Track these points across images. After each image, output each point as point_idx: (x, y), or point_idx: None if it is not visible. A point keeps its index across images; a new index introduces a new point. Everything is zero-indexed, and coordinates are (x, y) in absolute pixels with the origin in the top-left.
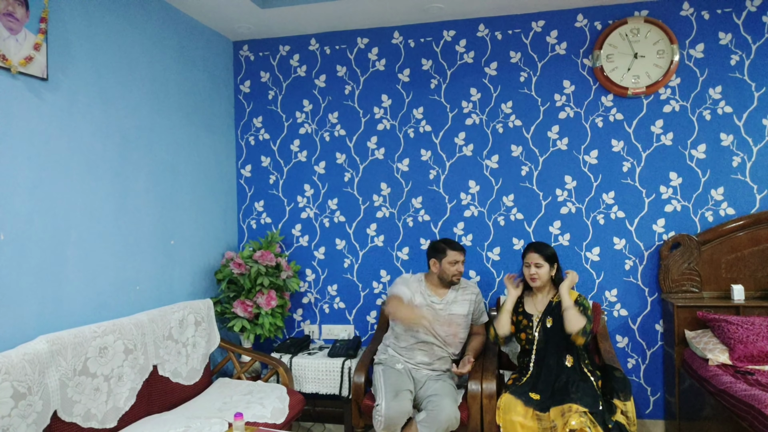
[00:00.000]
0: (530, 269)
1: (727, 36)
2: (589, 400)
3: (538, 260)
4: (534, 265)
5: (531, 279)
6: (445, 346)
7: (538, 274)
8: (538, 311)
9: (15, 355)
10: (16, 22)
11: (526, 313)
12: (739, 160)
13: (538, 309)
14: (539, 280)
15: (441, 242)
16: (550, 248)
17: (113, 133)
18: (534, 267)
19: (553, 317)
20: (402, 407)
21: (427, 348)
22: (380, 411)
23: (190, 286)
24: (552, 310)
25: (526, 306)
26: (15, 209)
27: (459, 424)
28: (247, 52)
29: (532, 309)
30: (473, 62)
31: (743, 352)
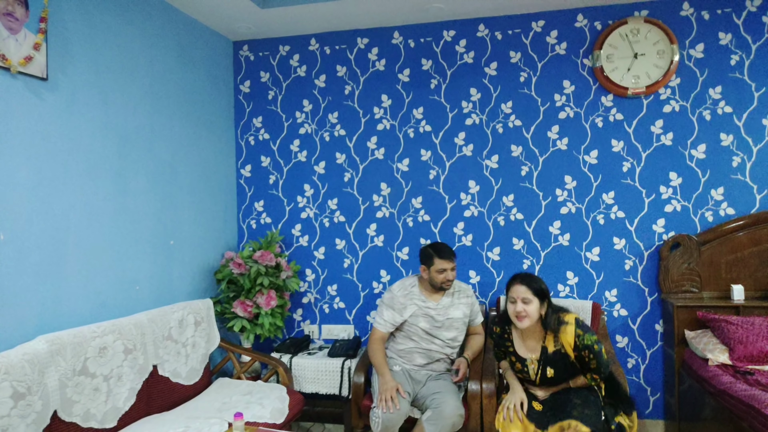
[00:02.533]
0: (516, 305)
1: (727, 36)
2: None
3: (526, 294)
4: (521, 300)
5: (518, 318)
6: (444, 348)
7: (526, 312)
8: (532, 356)
9: (14, 355)
10: (16, 21)
11: (519, 357)
12: (739, 160)
13: (531, 354)
14: (528, 318)
15: (429, 248)
16: (540, 281)
17: (113, 132)
18: (521, 303)
19: (555, 368)
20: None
21: (425, 352)
22: (377, 413)
23: (190, 286)
24: (550, 360)
25: (516, 345)
26: (15, 209)
27: (463, 420)
28: (247, 52)
29: (524, 351)
30: (473, 62)
31: (743, 353)
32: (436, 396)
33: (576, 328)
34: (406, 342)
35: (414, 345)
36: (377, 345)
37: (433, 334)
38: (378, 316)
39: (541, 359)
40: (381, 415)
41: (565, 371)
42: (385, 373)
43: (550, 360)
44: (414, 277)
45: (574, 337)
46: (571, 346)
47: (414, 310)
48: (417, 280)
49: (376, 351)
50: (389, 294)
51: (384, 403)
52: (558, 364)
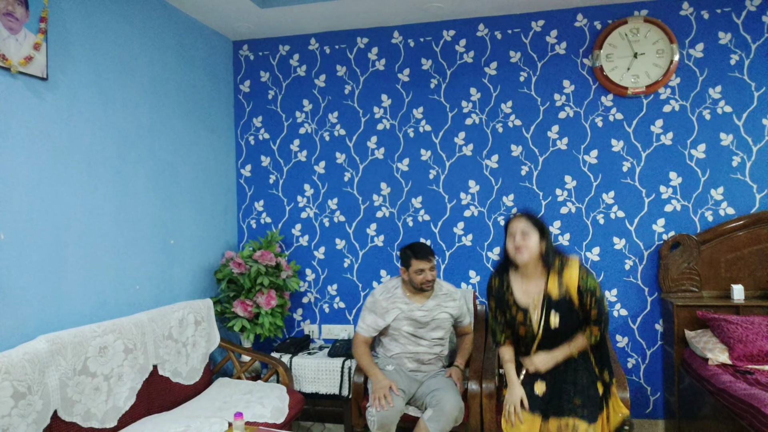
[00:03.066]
0: (515, 239)
1: (727, 35)
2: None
3: (525, 227)
4: (520, 232)
5: (517, 251)
6: (432, 348)
7: (525, 245)
8: (533, 302)
9: (15, 355)
10: (16, 21)
11: (519, 306)
12: (739, 160)
13: (533, 298)
14: (527, 251)
15: (407, 249)
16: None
17: (113, 132)
18: (520, 236)
19: (559, 315)
20: (391, 410)
21: (412, 355)
22: (372, 412)
23: (190, 285)
24: (554, 307)
25: (515, 291)
26: (15, 209)
27: (464, 416)
28: (247, 51)
29: (525, 297)
30: (473, 62)
31: (743, 352)
32: (435, 393)
33: (579, 268)
34: (394, 346)
35: (401, 349)
36: (361, 348)
37: (418, 336)
38: (360, 320)
39: (543, 304)
40: (375, 414)
41: (570, 320)
42: (375, 373)
43: (554, 307)
44: (397, 279)
45: (578, 279)
46: (575, 286)
47: (397, 314)
48: (400, 281)
49: (362, 354)
50: (371, 298)
51: (377, 402)
52: (563, 311)
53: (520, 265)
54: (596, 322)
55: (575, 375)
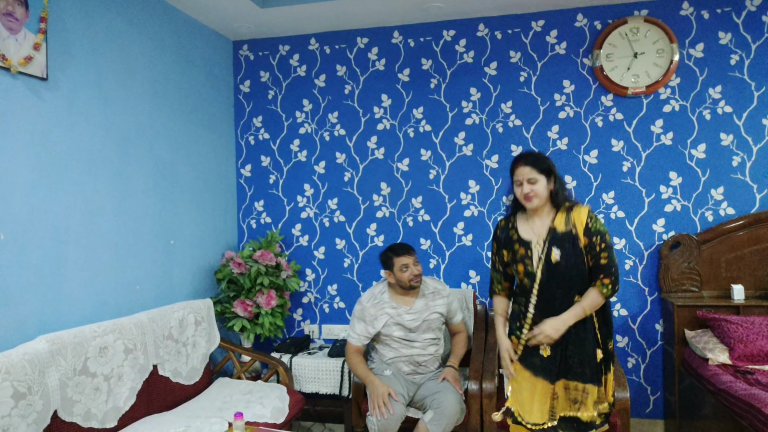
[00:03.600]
0: (523, 187)
1: (727, 35)
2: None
3: (531, 174)
4: (527, 181)
5: (526, 199)
6: (426, 348)
7: (534, 191)
8: (537, 237)
9: (15, 355)
10: (16, 21)
11: (522, 240)
12: (739, 160)
13: (538, 234)
14: (536, 198)
15: (387, 251)
16: (545, 158)
17: (113, 132)
18: (527, 184)
19: (561, 249)
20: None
21: (407, 359)
22: (372, 420)
23: (190, 285)
24: (557, 240)
25: (520, 230)
26: (15, 209)
27: (464, 415)
28: (247, 51)
29: (529, 233)
30: (473, 62)
31: (743, 352)
32: (436, 396)
33: (589, 212)
34: (387, 351)
35: (395, 354)
36: (355, 358)
37: (410, 339)
38: (350, 329)
39: (547, 238)
40: (376, 422)
41: (574, 257)
42: (372, 380)
43: (558, 240)
44: (383, 284)
45: (587, 218)
46: (583, 225)
47: (386, 320)
48: (386, 285)
49: (356, 364)
50: (359, 306)
51: (377, 411)
52: (565, 245)
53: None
54: (607, 271)
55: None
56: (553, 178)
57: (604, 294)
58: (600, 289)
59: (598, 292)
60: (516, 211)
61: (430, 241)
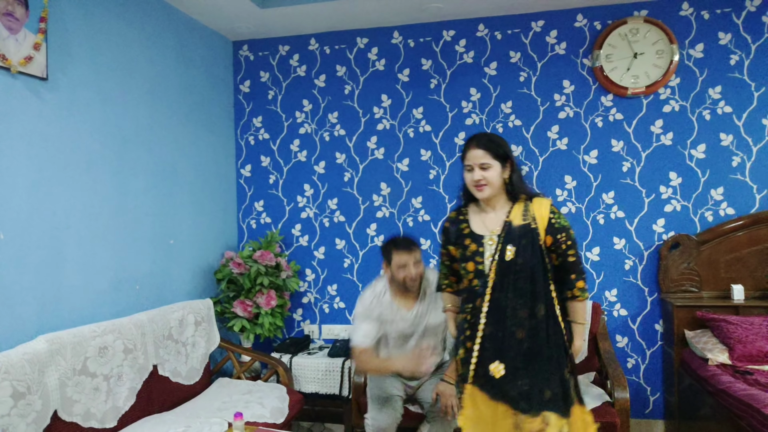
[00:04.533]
0: (474, 173)
1: (727, 36)
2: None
3: (484, 159)
4: (478, 167)
5: (477, 187)
6: None
7: (485, 179)
8: (491, 232)
9: (15, 355)
10: (16, 21)
11: (475, 235)
12: (739, 160)
13: (491, 228)
14: (488, 187)
15: (388, 243)
16: (501, 141)
17: (113, 132)
18: (479, 170)
19: (516, 246)
20: (388, 417)
21: None
22: (368, 423)
23: (190, 285)
24: (513, 236)
25: (472, 224)
26: (15, 209)
27: None
28: (247, 51)
29: (482, 228)
30: (473, 62)
31: (742, 352)
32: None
33: (551, 206)
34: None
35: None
36: (366, 356)
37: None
38: (355, 333)
39: (502, 233)
40: (371, 425)
41: (531, 255)
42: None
43: (514, 235)
44: (383, 281)
45: (549, 214)
46: (545, 222)
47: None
48: (387, 285)
49: (369, 360)
50: (361, 306)
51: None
52: (522, 242)
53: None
54: (578, 271)
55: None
56: (510, 165)
57: (586, 299)
58: (581, 297)
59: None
60: (468, 202)
61: (430, 241)
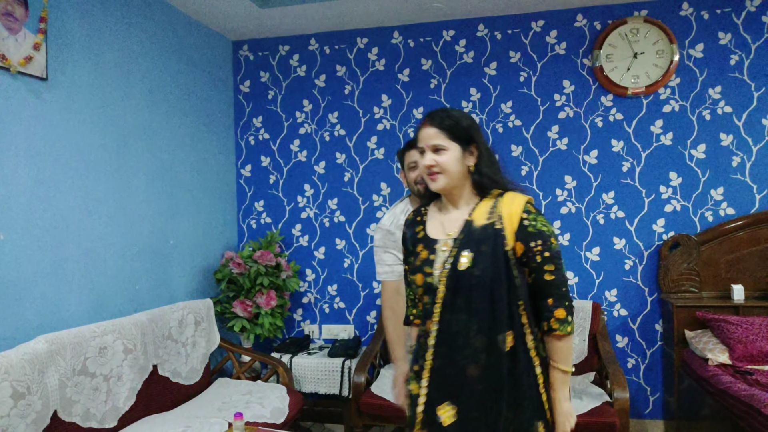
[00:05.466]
0: (425, 157)
1: (727, 36)
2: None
3: (437, 139)
4: (430, 149)
5: (429, 176)
6: None
7: (438, 165)
8: (447, 235)
9: (14, 355)
10: (16, 21)
11: (428, 239)
12: (739, 160)
13: (447, 231)
14: (443, 176)
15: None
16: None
17: (112, 132)
18: (431, 153)
19: (474, 251)
20: None
21: None
22: None
23: (190, 285)
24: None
25: (428, 226)
26: (15, 209)
27: None
28: (247, 51)
29: (438, 230)
30: (473, 62)
31: (743, 352)
32: None
33: (526, 204)
34: None
35: None
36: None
37: None
38: (378, 266)
39: (460, 236)
40: None
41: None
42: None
43: (473, 239)
44: (404, 201)
45: (522, 213)
46: (514, 224)
47: None
48: (408, 203)
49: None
50: (380, 233)
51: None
52: (481, 247)
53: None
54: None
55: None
56: (476, 149)
57: (567, 334)
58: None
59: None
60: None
61: None
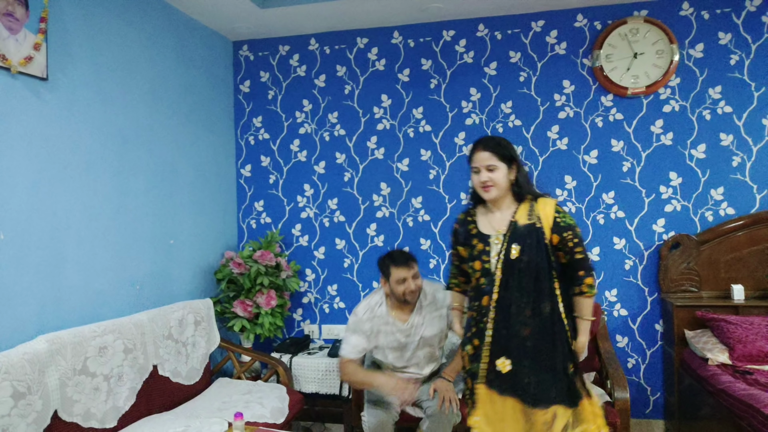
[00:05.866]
0: (480, 175)
1: (727, 36)
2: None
3: (490, 161)
4: (485, 168)
5: (484, 188)
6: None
7: (492, 180)
8: (497, 231)
9: (15, 355)
10: (16, 21)
11: (482, 234)
12: (739, 160)
13: (497, 228)
14: (495, 188)
15: (385, 258)
16: (507, 144)
17: (113, 132)
18: (485, 171)
19: (521, 245)
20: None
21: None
22: (364, 421)
23: (190, 285)
24: (518, 235)
25: (480, 224)
26: (15, 209)
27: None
28: (247, 51)
29: (488, 227)
30: (473, 62)
31: (742, 352)
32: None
33: (557, 205)
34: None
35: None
36: (350, 366)
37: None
38: (344, 343)
39: (508, 233)
40: (367, 425)
41: (536, 254)
42: (375, 378)
43: (519, 234)
44: (380, 294)
45: (554, 213)
46: (550, 221)
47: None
48: (383, 297)
49: (354, 371)
50: (354, 318)
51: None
52: (527, 241)
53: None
54: (586, 267)
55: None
56: (516, 166)
57: (593, 295)
58: (588, 293)
59: (589, 298)
60: (476, 204)
61: (430, 241)
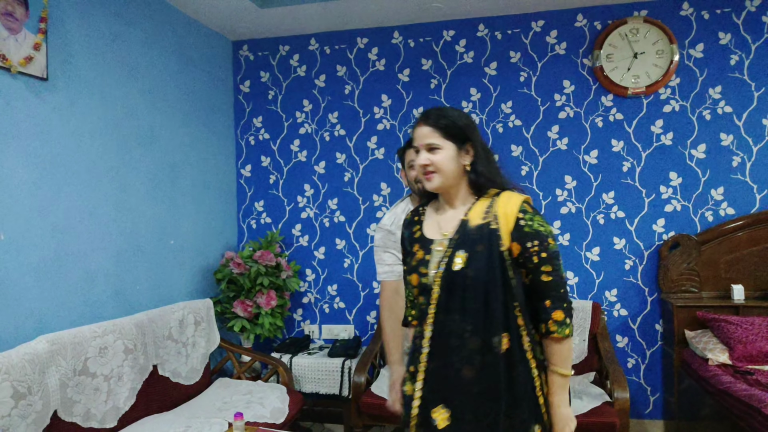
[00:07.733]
0: (420, 156)
1: (727, 36)
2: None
3: (432, 138)
4: (425, 148)
5: (424, 175)
6: None
7: (434, 164)
8: (443, 234)
9: (15, 355)
10: (16, 21)
11: (424, 239)
12: (739, 160)
13: (444, 231)
14: (438, 175)
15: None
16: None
17: (112, 132)
18: (426, 152)
19: (469, 253)
20: None
21: None
22: None
23: (190, 285)
24: (468, 239)
25: (425, 224)
26: (15, 209)
27: None
28: (247, 51)
29: (434, 230)
30: (473, 62)
31: (743, 352)
32: None
33: (523, 203)
34: None
35: None
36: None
37: None
38: (378, 266)
39: (454, 236)
40: None
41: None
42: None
43: (468, 238)
44: (405, 201)
45: (518, 212)
46: (510, 223)
47: None
48: (408, 202)
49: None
50: (380, 233)
51: None
52: (476, 247)
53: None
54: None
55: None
56: (472, 148)
57: (566, 336)
58: (558, 335)
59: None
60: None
61: None
